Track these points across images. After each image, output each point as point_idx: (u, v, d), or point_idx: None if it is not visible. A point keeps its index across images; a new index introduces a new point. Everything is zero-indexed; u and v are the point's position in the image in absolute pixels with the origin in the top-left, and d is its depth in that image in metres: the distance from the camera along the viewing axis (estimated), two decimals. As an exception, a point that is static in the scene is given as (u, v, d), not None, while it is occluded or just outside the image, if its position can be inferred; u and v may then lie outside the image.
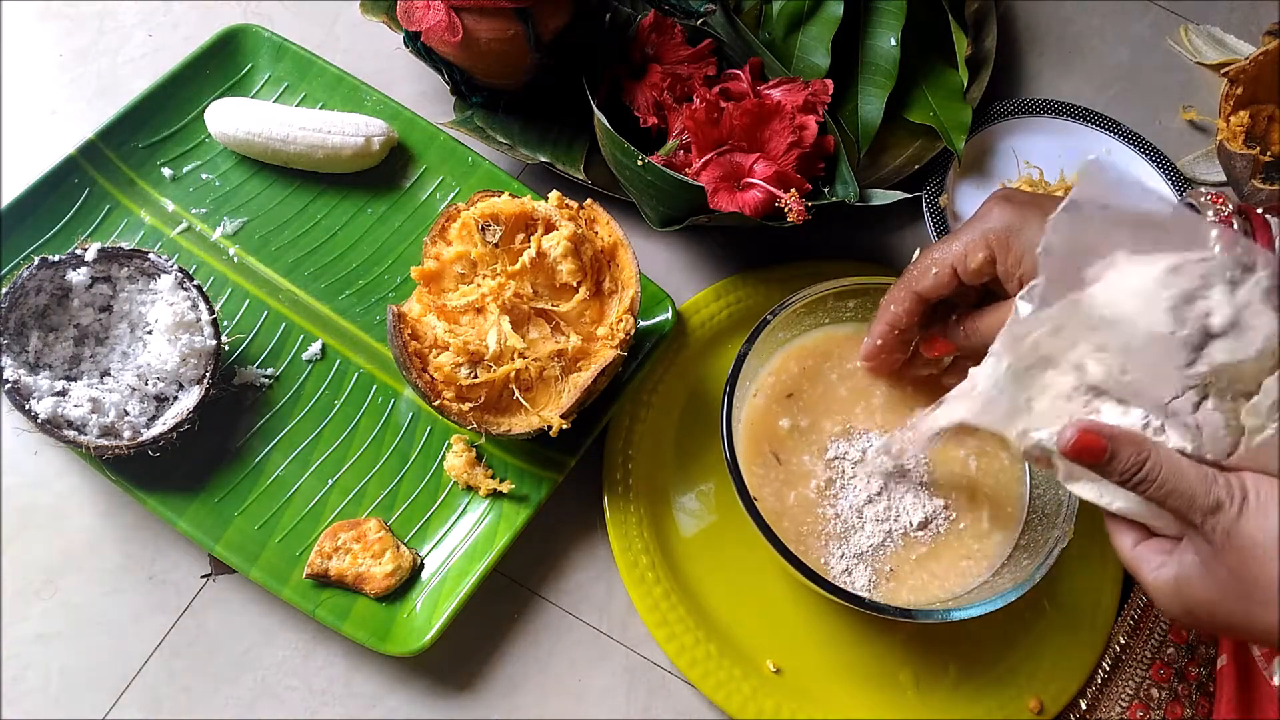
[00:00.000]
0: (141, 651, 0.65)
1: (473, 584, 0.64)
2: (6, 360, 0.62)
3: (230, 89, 0.78)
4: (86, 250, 0.65)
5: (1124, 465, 0.46)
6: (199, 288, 0.67)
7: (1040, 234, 0.51)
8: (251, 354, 0.71)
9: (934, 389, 0.65)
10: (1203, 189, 0.56)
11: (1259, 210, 0.54)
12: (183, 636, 0.65)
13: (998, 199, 0.57)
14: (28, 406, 0.61)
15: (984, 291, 0.60)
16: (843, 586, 0.60)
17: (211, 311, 0.67)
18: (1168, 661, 0.67)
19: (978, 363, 0.55)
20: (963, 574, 0.63)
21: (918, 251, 0.64)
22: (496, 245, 0.65)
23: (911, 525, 0.63)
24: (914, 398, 0.67)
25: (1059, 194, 0.82)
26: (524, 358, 0.62)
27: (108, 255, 0.66)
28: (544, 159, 0.77)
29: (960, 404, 0.54)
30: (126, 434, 0.63)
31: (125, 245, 0.67)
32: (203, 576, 0.67)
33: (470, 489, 0.68)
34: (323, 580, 0.64)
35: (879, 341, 0.63)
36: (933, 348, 0.62)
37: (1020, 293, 0.51)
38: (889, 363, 0.64)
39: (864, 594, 0.61)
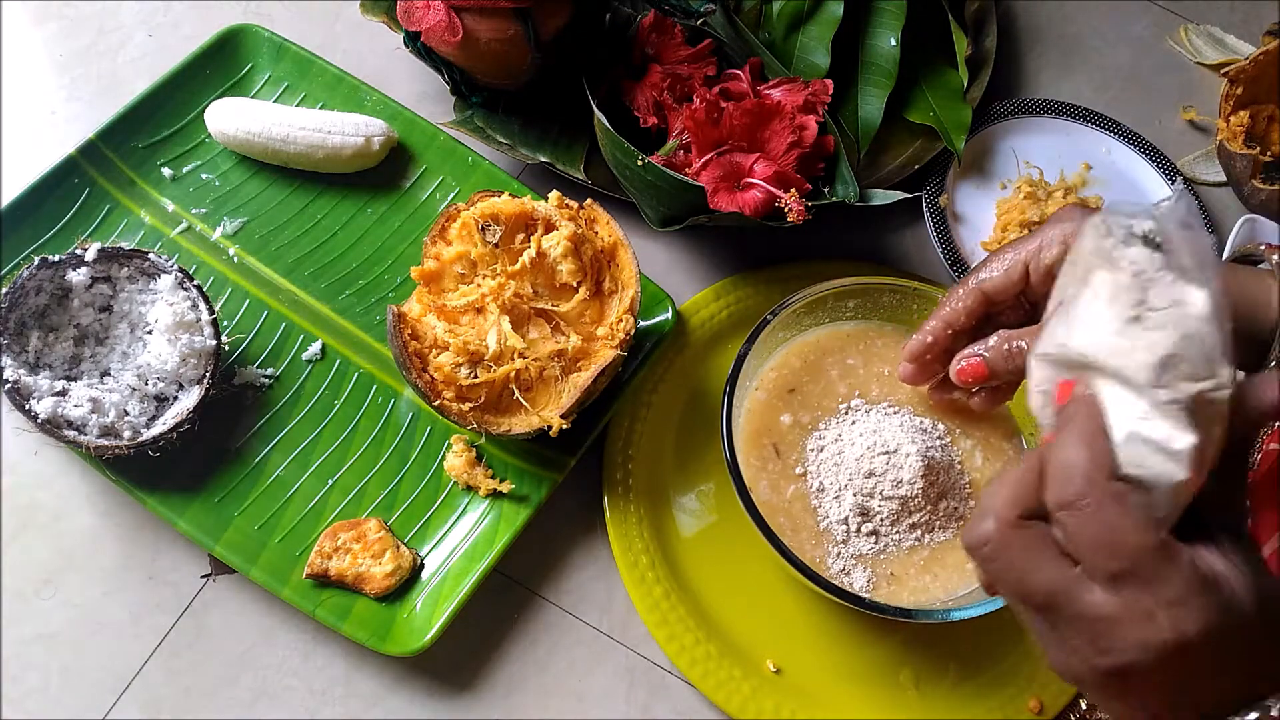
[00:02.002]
0: (141, 651, 0.65)
1: (473, 584, 0.64)
2: (6, 360, 0.62)
3: (230, 89, 0.78)
4: (86, 250, 0.65)
5: None
6: (199, 288, 0.67)
7: None
8: (251, 354, 0.71)
9: (949, 410, 0.66)
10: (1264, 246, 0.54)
11: None
12: (183, 636, 0.65)
13: (1074, 206, 0.56)
14: (28, 406, 0.61)
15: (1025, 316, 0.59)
16: (841, 586, 0.60)
17: (211, 311, 0.67)
18: (1168, 661, 0.67)
19: (1008, 393, 0.55)
20: (966, 575, 0.62)
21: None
22: (496, 245, 0.65)
23: (916, 530, 0.63)
24: (911, 393, 0.67)
25: (1058, 194, 0.82)
26: (524, 358, 0.62)
27: (108, 255, 0.66)
28: (544, 159, 0.77)
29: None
30: (126, 434, 0.63)
31: (125, 245, 0.67)
32: (203, 576, 0.67)
33: (470, 489, 0.68)
34: (323, 580, 0.64)
35: (929, 339, 0.59)
36: (965, 372, 0.58)
37: (1047, 311, 0.45)
38: (928, 369, 0.61)
39: (863, 594, 0.61)
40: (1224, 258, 0.57)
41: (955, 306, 0.58)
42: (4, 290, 0.63)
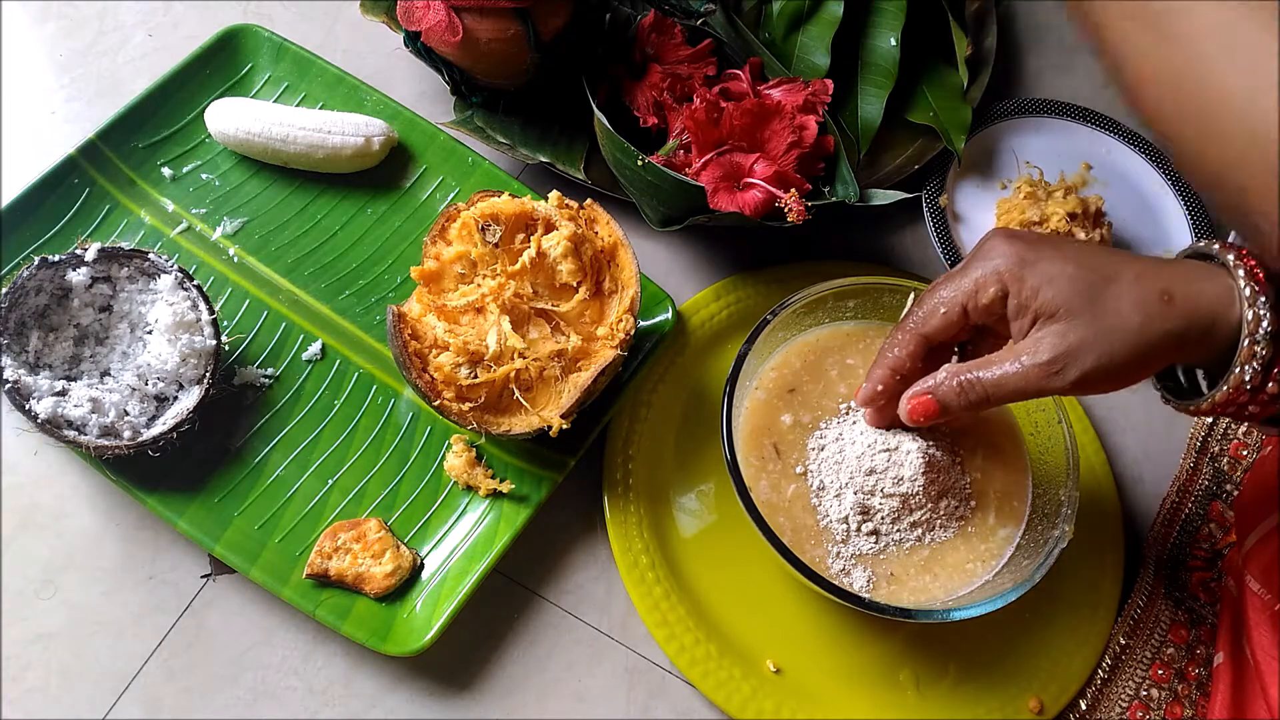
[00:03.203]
0: (141, 651, 0.65)
1: (473, 584, 0.64)
2: (6, 360, 0.62)
3: (230, 89, 0.78)
4: (86, 250, 0.65)
5: None
6: (199, 288, 0.67)
7: (1054, 266, 0.51)
8: (251, 354, 0.71)
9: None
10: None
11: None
12: (183, 636, 0.65)
13: (999, 236, 0.55)
14: (28, 406, 0.61)
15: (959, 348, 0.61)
16: (841, 586, 0.60)
17: (211, 311, 0.67)
18: (1167, 662, 0.67)
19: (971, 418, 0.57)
20: (967, 575, 0.63)
21: (911, 297, 0.63)
22: (496, 245, 0.65)
23: (917, 529, 0.63)
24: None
25: (1058, 194, 0.82)
26: (524, 358, 0.62)
27: (108, 255, 0.66)
28: (544, 159, 0.77)
29: None
30: (126, 434, 0.63)
31: (125, 245, 0.67)
32: (203, 576, 0.67)
33: (470, 489, 0.68)
34: (323, 580, 0.64)
35: (879, 387, 0.60)
36: (916, 411, 0.58)
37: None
38: (886, 411, 0.61)
39: (863, 594, 0.61)
40: (1179, 255, 0.56)
41: (897, 354, 0.58)
42: (4, 290, 0.63)
